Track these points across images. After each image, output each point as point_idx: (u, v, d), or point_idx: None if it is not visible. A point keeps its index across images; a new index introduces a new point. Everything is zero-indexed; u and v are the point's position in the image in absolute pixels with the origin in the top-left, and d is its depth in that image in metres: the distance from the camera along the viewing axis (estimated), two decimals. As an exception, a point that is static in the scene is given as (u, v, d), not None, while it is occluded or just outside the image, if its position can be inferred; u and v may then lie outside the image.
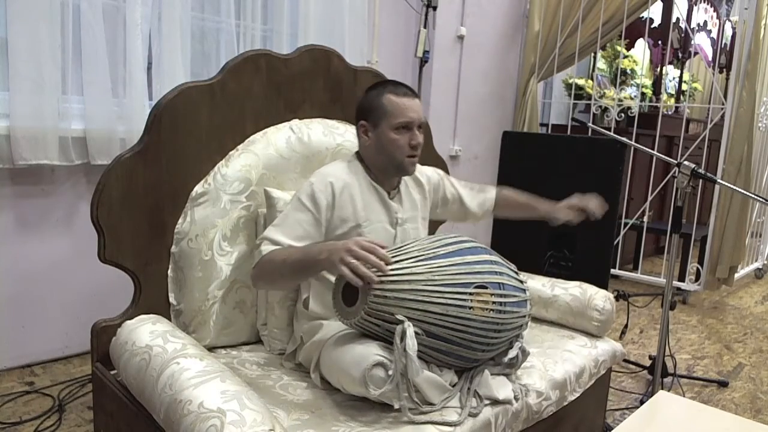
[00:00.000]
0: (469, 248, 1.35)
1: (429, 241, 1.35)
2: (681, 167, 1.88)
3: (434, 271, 1.26)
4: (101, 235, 1.40)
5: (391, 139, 1.46)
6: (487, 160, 3.96)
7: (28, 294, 2.19)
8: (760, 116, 3.75)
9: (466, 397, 1.28)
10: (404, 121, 1.46)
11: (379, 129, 1.47)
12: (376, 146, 1.49)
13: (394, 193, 1.56)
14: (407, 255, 1.28)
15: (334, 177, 1.47)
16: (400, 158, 1.48)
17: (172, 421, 1.06)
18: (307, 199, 1.43)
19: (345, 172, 1.50)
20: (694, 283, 3.67)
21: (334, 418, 1.22)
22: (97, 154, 2.22)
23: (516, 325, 1.35)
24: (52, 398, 1.99)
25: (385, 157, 1.49)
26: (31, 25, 2.00)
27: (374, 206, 1.51)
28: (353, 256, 1.20)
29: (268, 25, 2.77)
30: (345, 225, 1.46)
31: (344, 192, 1.46)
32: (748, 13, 3.40)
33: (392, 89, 1.48)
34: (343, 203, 1.46)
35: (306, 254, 1.31)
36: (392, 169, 1.51)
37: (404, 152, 1.47)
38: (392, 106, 1.46)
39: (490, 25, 3.85)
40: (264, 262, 1.37)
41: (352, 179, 1.49)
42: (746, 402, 2.34)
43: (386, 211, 1.53)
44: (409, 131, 1.47)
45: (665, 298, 1.96)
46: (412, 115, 1.46)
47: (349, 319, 1.24)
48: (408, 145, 1.47)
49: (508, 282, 1.34)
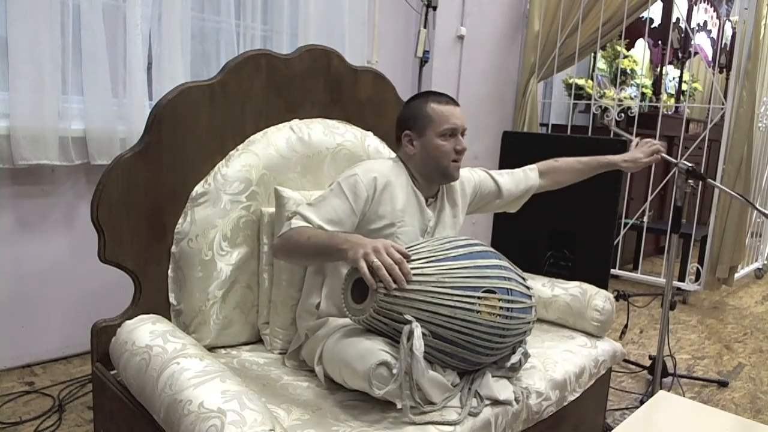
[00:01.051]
0: (480, 252, 1.35)
1: (440, 242, 1.35)
2: (678, 167, 1.88)
3: (444, 273, 1.26)
4: (101, 235, 1.40)
5: (437, 145, 1.50)
6: (487, 160, 3.95)
7: (28, 294, 2.19)
8: (760, 116, 3.75)
9: (467, 396, 1.28)
10: (450, 128, 1.51)
11: (425, 137, 1.51)
12: (421, 154, 1.52)
13: (431, 201, 1.58)
14: (418, 255, 1.28)
15: (379, 173, 1.48)
16: (446, 163, 1.52)
17: (172, 421, 1.06)
18: (348, 189, 1.44)
19: (390, 170, 1.51)
20: (694, 283, 3.67)
21: (335, 417, 1.22)
22: (97, 154, 2.22)
23: (521, 331, 1.35)
24: (52, 398, 1.99)
25: (432, 164, 1.52)
26: (31, 25, 2.00)
27: (412, 210, 1.52)
28: (378, 258, 1.19)
29: (268, 25, 2.77)
30: (380, 221, 1.47)
31: (387, 189, 1.47)
32: (748, 13, 3.40)
33: (435, 98, 1.53)
34: (384, 200, 1.47)
35: (331, 239, 1.31)
36: (438, 176, 1.54)
37: (450, 157, 1.51)
38: (437, 114, 1.51)
39: (490, 25, 3.84)
40: (289, 235, 1.37)
41: (396, 179, 1.50)
42: (746, 402, 2.34)
43: (421, 218, 1.54)
44: (454, 137, 1.52)
45: (665, 298, 1.96)
46: (456, 122, 1.52)
47: (357, 316, 1.24)
48: (453, 150, 1.51)
49: (516, 288, 1.34)
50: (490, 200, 1.77)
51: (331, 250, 1.29)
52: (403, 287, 1.19)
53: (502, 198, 1.78)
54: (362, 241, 1.24)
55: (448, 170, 1.52)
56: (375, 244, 1.22)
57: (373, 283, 1.18)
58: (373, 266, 1.18)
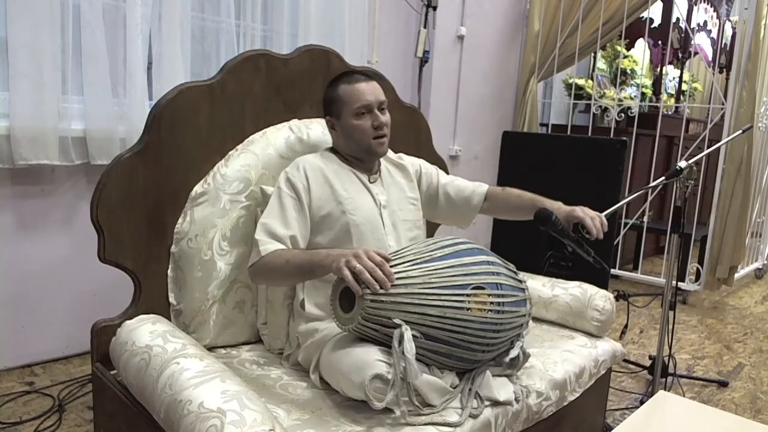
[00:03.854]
0: (466, 250, 1.35)
1: (425, 244, 1.35)
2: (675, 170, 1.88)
3: (431, 273, 1.25)
4: (101, 235, 1.40)
5: (354, 126, 1.52)
6: (487, 160, 3.96)
7: (28, 294, 2.19)
8: (760, 116, 3.75)
9: (467, 398, 1.28)
10: (362, 105, 1.51)
11: (342, 120, 1.53)
12: (344, 136, 1.55)
13: (375, 178, 1.59)
14: (403, 259, 1.28)
15: (304, 162, 1.52)
16: (367, 141, 1.53)
17: (172, 421, 1.06)
18: (287, 187, 1.47)
19: (316, 158, 1.55)
20: (694, 283, 3.67)
21: (335, 418, 1.22)
22: (97, 154, 2.22)
23: (515, 325, 1.35)
24: (52, 398, 1.99)
25: (354, 144, 1.54)
26: (31, 25, 2.00)
27: (355, 190, 1.53)
28: (360, 263, 1.19)
29: (268, 25, 2.77)
30: (327, 205, 1.49)
31: (317, 173, 1.50)
32: (748, 13, 3.40)
33: (346, 79, 1.55)
34: (318, 184, 1.49)
35: (312, 257, 1.32)
36: (363, 154, 1.56)
37: (369, 134, 1.52)
38: (347, 94, 1.52)
39: (490, 25, 3.84)
40: (265, 261, 1.38)
41: (325, 164, 1.53)
42: (746, 402, 2.34)
43: (369, 195, 1.55)
44: (370, 113, 1.52)
45: (665, 298, 1.96)
46: (368, 98, 1.52)
47: (346, 326, 1.24)
48: (371, 127, 1.52)
49: (505, 282, 1.34)
50: (433, 195, 1.75)
51: (314, 267, 1.30)
52: (387, 288, 1.19)
53: (438, 199, 1.75)
54: (343, 252, 1.25)
55: (371, 148, 1.53)
56: (355, 251, 1.23)
57: (359, 289, 1.18)
58: (356, 271, 1.18)
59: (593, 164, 2.36)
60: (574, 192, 1.97)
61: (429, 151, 2.12)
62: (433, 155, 2.13)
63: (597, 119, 4.27)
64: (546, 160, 2.47)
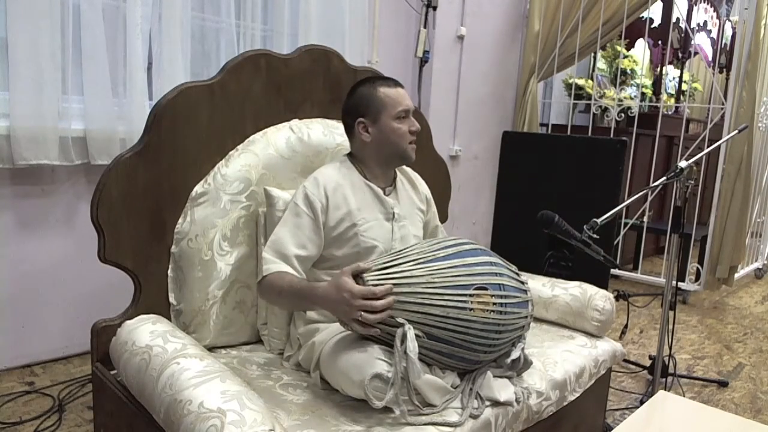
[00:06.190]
0: (469, 250, 1.35)
1: (428, 244, 1.35)
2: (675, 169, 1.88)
3: (434, 273, 1.26)
4: (101, 235, 1.40)
5: (394, 128, 1.52)
6: (487, 160, 3.96)
7: (28, 294, 2.19)
8: (760, 116, 3.75)
9: (468, 398, 1.28)
10: (403, 109, 1.53)
11: (381, 122, 1.52)
12: (378, 139, 1.53)
13: (389, 190, 1.59)
14: (406, 258, 1.28)
15: (325, 178, 1.50)
16: (404, 146, 1.54)
17: (172, 421, 1.06)
18: (303, 204, 1.46)
19: (336, 172, 1.53)
20: (694, 283, 3.67)
21: (335, 418, 1.22)
22: (97, 154, 2.22)
23: (517, 326, 1.35)
24: (52, 398, 1.99)
25: (390, 147, 1.53)
26: (31, 25, 2.00)
27: (369, 204, 1.53)
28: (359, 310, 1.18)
29: (268, 25, 2.77)
30: (341, 225, 1.48)
31: (337, 192, 1.49)
32: (748, 13, 3.40)
33: (383, 83, 1.55)
34: (338, 203, 1.48)
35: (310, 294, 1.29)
36: (396, 159, 1.56)
37: (407, 139, 1.54)
38: (389, 98, 1.52)
39: (490, 25, 3.84)
40: (268, 282, 1.38)
41: (344, 180, 1.52)
42: (746, 402, 2.34)
43: (382, 207, 1.54)
44: (407, 119, 1.54)
45: (665, 298, 1.96)
46: (408, 103, 1.54)
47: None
48: (409, 131, 1.54)
49: (508, 283, 1.34)
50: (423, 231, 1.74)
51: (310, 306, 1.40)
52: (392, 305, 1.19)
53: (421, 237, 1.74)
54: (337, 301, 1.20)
55: (406, 152, 1.54)
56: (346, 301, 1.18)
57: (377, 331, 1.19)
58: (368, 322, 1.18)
59: (593, 164, 2.36)
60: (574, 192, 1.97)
61: (429, 151, 2.12)
62: (433, 155, 2.13)
63: (597, 119, 4.27)
64: (546, 160, 2.47)
